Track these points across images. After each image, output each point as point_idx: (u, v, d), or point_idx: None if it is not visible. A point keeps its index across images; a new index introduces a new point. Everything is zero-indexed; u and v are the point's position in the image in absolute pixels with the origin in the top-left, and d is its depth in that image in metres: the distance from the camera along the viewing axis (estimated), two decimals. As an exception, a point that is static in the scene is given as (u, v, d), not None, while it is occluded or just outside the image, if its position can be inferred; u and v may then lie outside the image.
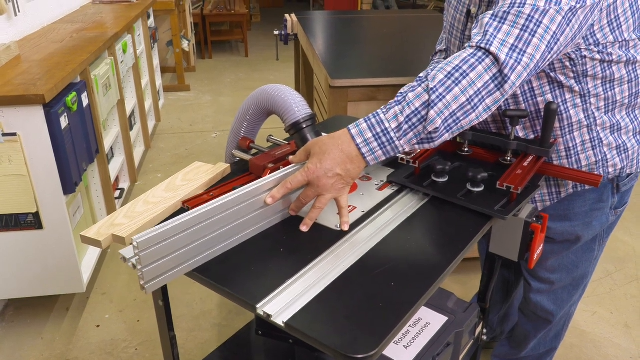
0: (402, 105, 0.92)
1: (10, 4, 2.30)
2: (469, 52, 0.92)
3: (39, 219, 1.80)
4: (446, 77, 0.90)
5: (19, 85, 1.74)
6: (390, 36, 2.82)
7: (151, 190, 1.07)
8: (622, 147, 1.20)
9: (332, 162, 0.93)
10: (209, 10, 6.02)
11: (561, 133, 1.16)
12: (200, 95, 4.78)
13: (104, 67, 2.37)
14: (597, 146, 1.18)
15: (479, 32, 0.95)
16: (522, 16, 0.92)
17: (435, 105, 0.90)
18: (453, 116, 0.91)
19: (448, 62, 0.93)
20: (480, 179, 1.03)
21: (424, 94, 0.91)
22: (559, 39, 0.94)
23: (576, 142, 1.17)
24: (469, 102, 0.91)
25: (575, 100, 1.12)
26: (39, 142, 1.71)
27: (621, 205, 1.28)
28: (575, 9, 0.93)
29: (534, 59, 0.92)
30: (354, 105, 1.91)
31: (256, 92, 1.17)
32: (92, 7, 3.43)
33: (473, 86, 0.90)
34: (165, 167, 3.36)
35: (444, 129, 0.92)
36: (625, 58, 1.08)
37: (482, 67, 0.90)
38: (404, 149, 0.94)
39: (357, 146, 0.93)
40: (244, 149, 1.18)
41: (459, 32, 1.23)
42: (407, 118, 0.91)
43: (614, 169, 1.21)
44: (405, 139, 0.92)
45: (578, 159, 1.18)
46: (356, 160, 0.94)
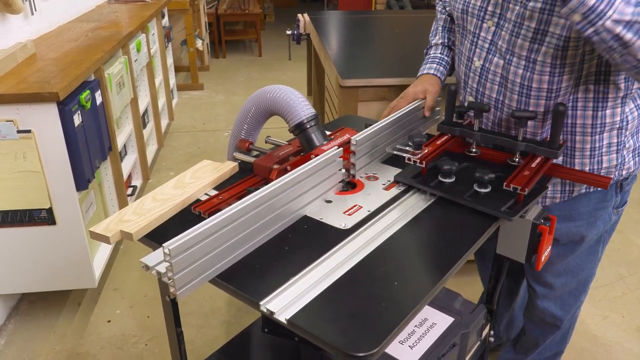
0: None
1: (27, 3, 2.34)
2: None
3: (52, 215, 1.83)
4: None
5: (34, 83, 1.77)
6: (402, 36, 2.82)
7: (160, 187, 1.09)
8: (637, 150, 1.19)
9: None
10: (223, 10, 6.05)
11: (592, 131, 1.14)
12: (214, 94, 4.81)
13: (117, 66, 2.40)
14: (621, 150, 1.17)
15: None
16: None
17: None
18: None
19: None
20: (487, 180, 1.03)
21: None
22: None
23: (603, 144, 1.15)
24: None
25: (616, 100, 1.11)
26: (53, 139, 1.73)
27: (622, 204, 1.29)
28: None
29: None
30: (364, 105, 1.91)
31: (256, 93, 1.17)
32: (108, 6, 3.47)
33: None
34: (177, 165, 3.38)
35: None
36: None
37: None
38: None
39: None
40: (244, 151, 1.18)
41: (476, 9, 1.17)
42: None
43: (627, 171, 1.21)
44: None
45: (600, 160, 1.17)
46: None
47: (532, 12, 1.05)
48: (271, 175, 1.08)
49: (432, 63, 1.39)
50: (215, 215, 0.83)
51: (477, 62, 1.20)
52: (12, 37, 2.22)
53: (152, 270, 0.84)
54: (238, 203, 0.87)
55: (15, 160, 1.72)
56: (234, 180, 1.14)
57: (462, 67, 1.27)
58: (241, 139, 1.22)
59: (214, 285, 0.86)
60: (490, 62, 1.17)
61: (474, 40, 1.20)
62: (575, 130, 1.14)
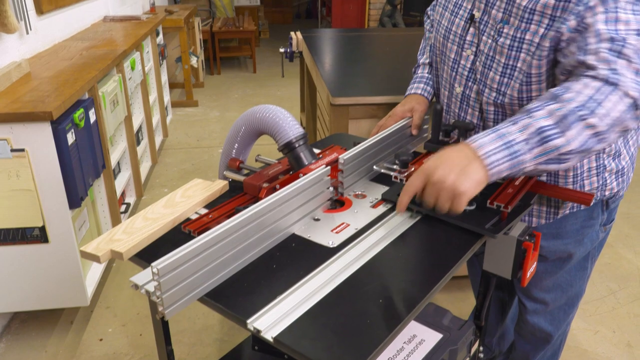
0: (530, 119, 0.90)
1: (22, 22, 2.37)
2: (599, 82, 0.91)
3: (45, 233, 1.83)
4: (583, 105, 0.89)
5: (28, 102, 1.79)
6: (393, 54, 2.86)
7: (151, 206, 1.10)
8: (620, 171, 1.22)
9: (449, 163, 0.90)
10: (218, 27, 6.12)
11: None
12: (208, 110, 4.84)
13: (111, 84, 2.43)
14: (601, 172, 1.19)
15: (598, 64, 0.93)
16: (636, 46, 0.91)
17: (572, 127, 0.88)
18: (587, 142, 0.89)
19: (578, 90, 0.91)
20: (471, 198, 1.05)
21: (557, 113, 0.89)
22: None
23: (584, 169, 1.18)
24: (605, 131, 0.89)
25: None
26: (46, 157, 1.75)
27: (609, 221, 1.30)
28: None
29: None
30: (355, 123, 1.94)
31: (247, 113, 1.19)
32: (103, 24, 3.51)
33: (610, 116, 0.89)
34: (171, 182, 3.40)
35: (577, 154, 0.90)
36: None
37: (617, 98, 0.89)
38: (528, 166, 0.90)
39: (481, 156, 0.89)
40: (234, 169, 1.20)
41: (457, 37, 1.22)
42: (537, 132, 0.89)
43: (610, 191, 1.23)
44: (532, 154, 0.89)
45: (582, 184, 1.20)
46: (477, 166, 0.89)
47: (502, 47, 1.10)
48: (260, 194, 1.10)
49: (419, 83, 1.42)
50: (203, 235, 0.84)
51: (458, 88, 1.24)
52: (7, 57, 2.24)
53: (142, 289, 0.85)
54: (227, 222, 0.88)
55: (9, 179, 1.73)
56: (225, 198, 1.16)
57: (445, 91, 1.30)
58: (232, 157, 1.24)
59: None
60: (470, 89, 1.21)
61: (454, 67, 1.23)
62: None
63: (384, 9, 6.59)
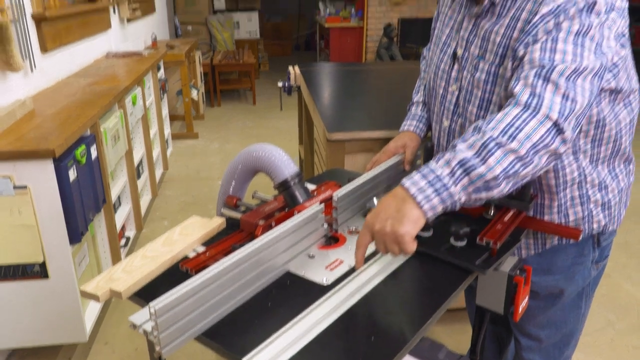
0: (452, 154, 0.94)
1: (27, 60, 2.43)
2: (519, 109, 0.96)
3: (45, 269, 1.85)
4: (502, 132, 0.93)
5: (31, 139, 1.83)
6: (389, 88, 2.93)
7: (150, 244, 1.13)
8: (607, 204, 1.24)
9: (386, 209, 0.94)
10: (219, 60, 6.23)
11: (556, 190, 1.20)
12: (208, 142, 4.90)
13: (113, 120, 2.48)
14: (585, 202, 1.22)
15: (523, 90, 0.98)
16: (563, 76, 0.97)
17: (493, 154, 0.92)
18: (513, 167, 0.93)
19: (499, 119, 0.96)
20: (462, 234, 1.07)
21: (477, 143, 0.93)
22: (598, 87, 1.01)
23: (567, 198, 1.21)
24: (527, 154, 0.93)
25: (569, 157, 1.17)
26: (48, 194, 1.78)
27: (602, 259, 1.32)
28: (603, 58, 1.01)
29: (582, 106, 0.97)
30: (351, 157, 1.98)
31: (244, 151, 1.23)
32: (105, 60, 3.59)
33: (530, 139, 0.93)
34: (171, 214, 3.42)
35: (503, 179, 0.93)
36: (614, 114, 1.15)
37: (536, 121, 0.94)
38: (460, 197, 0.94)
39: (412, 195, 0.93)
40: (232, 207, 1.23)
41: (445, 73, 1.28)
42: (459, 164, 0.93)
43: (598, 225, 1.25)
44: (460, 185, 0.93)
45: (566, 214, 1.23)
46: (410, 205, 0.93)
47: (478, 82, 1.16)
48: (257, 231, 1.12)
49: (412, 120, 1.47)
50: (200, 274, 0.87)
51: (445, 122, 1.29)
52: (12, 95, 2.30)
53: (139, 329, 0.87)
54: (223, 261, 0.91)
55: (11, 215, 1.76)
56: (222, 235, 1.18)
57: (436, 125, 1.35)
58: (229, 195, 1.27)
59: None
60: (456, 122, 1.26)
61: (442, 102, 1.29)
62: (543, 190, 1.21)
63: (381, 41, 6.73)
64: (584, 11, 1.01)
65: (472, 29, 1.20)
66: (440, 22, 1.35)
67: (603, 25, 1.02)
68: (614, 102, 1.15)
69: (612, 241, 1.34)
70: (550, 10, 1.03)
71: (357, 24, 7.00)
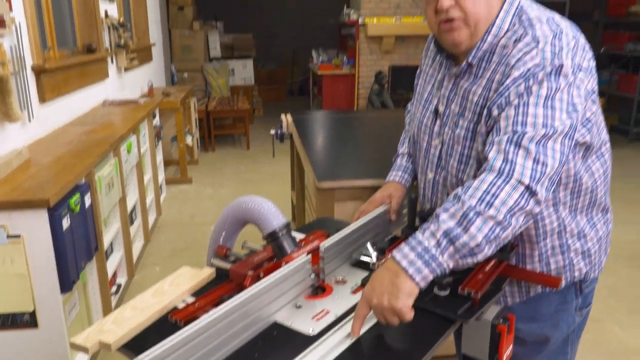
0: (436, 225, 1.02)
1: (25, 111, 2.50)
2: (494, 175, 1.03)
3: (35, 318, 1.85)
4: (480, 200, 1.01)
5: (26, 189, 1.87)
6: (379, 136, 3.01)
7: (140, 295, 1.15)
8: (587, 252, 1.29)
9: (381, 284, 1.02)
10: (214, 107, 6.35)
11: (537, 240, 1.24)
12: (202, 187, 4.94)
13: (107, 168, 2.52)
14: (566, 251, 1.26)
15: (496, 156, 1.05)
16: (534, 141, 1.04)
17: (473, 223, 1.00)
18: (493, 232, 1.00)
19: (476, 186, 1.03)
20: (445, 284, 1.11)
21: (458, 213, 1.01)
22: (570, 146, 1.08)
23: (547, 247, 1.26)
24: (505, 218, 1.00)
25: (549, 208, 1.22)
26: (41, 243, 1.80)
27: (585, 305, 1.34)
28: (572, 118, 1.07)
29: (553, 167, 1.04)
30: (341, 205, 2.02)
31: (233, 203, 1.27)
32: (102, 108, 3.67)
33: (505, 205, 1.00)
34: (164, 260, 3.42)
35: (485, 244, 1.01)
36: (589, 167, 1.21)
37: (509, 187, 1.01)
38: (448, 264, 1.01)
39: (404, 268, 1.00)
40: (221, 257, 1.26)
41: (427, 128, 1.34)
42: (443, 234, 1.00)
43: (579, 272, 1.29)
44: (447, 255, 1.00)
45: (548, 262, 1.27)
46: (403, 278, 1.00)
47: (458, 137, 1.23)
48: (245, 282, 1.15)
49: (397, 171, 1.52)
50: (188, 327, 0.89)
51: (430, 174, 1.34)
52: (9, 144, 2.35)
53: (127, 382, 0.89)
54: (211, 312, 0.93)
55: (3, 264, 1.78)
56: (212, 286, 1.21)
57: (422, 177, 1.40)
58: (219, 245, 1.31)
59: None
60: (439, 175, 1.31)
61: (426, 155, 1.35)
62: (524, 240, 1.25)
63: (372, 88, 6.90)
64: (552, 75, 1.08)
65: (452, 87, 1.27)
66: (422, 80, 1.42)
67: (572, 86, 1.09)
68: (588, 155, 1.22)
69: (595, 288, 1.37)
70: (520, 74, 1.10)
71: (349, 71, 7.20)
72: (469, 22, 1.16)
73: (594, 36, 7.54)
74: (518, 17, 1.18)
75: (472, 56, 1.20)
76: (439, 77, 1.33)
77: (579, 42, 1.15)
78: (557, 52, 1.10)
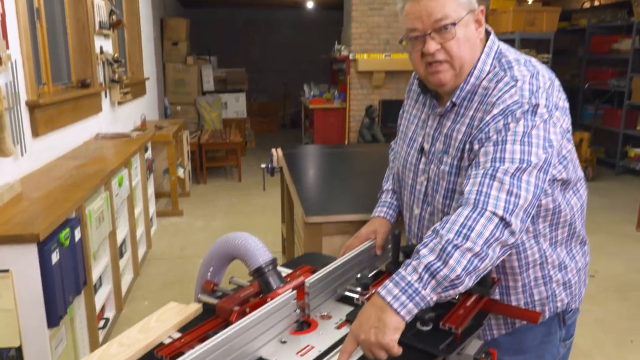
0: (417, 261, 1.06)
1: (18, 145, 2.53)
2: (469, 209, 1.08)
3: (21, 353, 1.84)
4: (457, 233, 1.05)
5: (17, 224, 1.88)
6: (368, 170, 3.05)
7: (127, 331, 1.16)
8: (567, 283, 1.33)
9: (368, 319, 1.05)
10: (206, 139, 6.41)
11: (520, 271, 1.28)
12: (193, 220, 4.95)
13: (98, 202, 2.54)
14: (548, 282, 1.30)
15: (472, 189, 1.11)
16: (508, 173, 1.09)
17: (452, 256, 1.04)
18: (471, 264, 1.04)
19: (453, 220, 1.08)
20: (427, 319, 1.13)
21: (437, 247, 1.05)
22: (544, 179, 1.13)
23: (530, 279, 1.29)
24: (482, 250, 1.04)
25: (530, 240, 1.27)
26: (29, 277, 1.81)
27: (568, 337, 1.38)
28: (547, 153, 1.13)
29: (527, 199, 1.08)
30: (329, 239, 2.04)
31: (221, 239, 1.30)
32: (95, 142, 3.71)
33: (482, 236, 1.04)
34: (152, 293, 3.41)
35: (465, 275, 1.04)
36: (567, 201, 1.26)
37: (484, 219, 1.06)
38: (431, 297, 1.05)
39: (389, 304, 1.04)
40: (209, 292, 1.28)
41: (412, 165, 1.40)
42: (424, 269, 1.04)
43: (561, 303, 1.32)
44: (429, 288, 1.04)
45: (531, 293, 1.30)
46: (389, 314, 1.03)
47: (443, 173, 1.28)
48: (231, 317, 1.17)
49: (382, 206, 1.56)
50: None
51: (416, 210, 1.38)
52: (1, 178, 2.37)
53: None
54: (197, 348, 0.95)
55: (-10, 299, 1.78)
56: (198, 321, 1.22)
57: (407, 213, 1.44)
58: (206, 280, 1.33)
59: None
60: (425, 210, 1.35)
61: (412, 192, 1.39)
62: (507, 272, 1.29)
63: (363, 122, 7.01)
64: (528, 112, 1.14)
65: (437, 126, 1.33)
66: (405, 120, 1.47)
67: (548, 122, 1.15)
68: (565, 190, 1.27)
69: (576, 319, 1.40)
70: (500, 111, 1.16)
71: (340, 105, 7.31)
72: (454, 64, 1.23)
73: (578, 72, 7.74)
74: (498, 60, 1.25)
75: (456, 96, 1.26)
76: (423, 116, 1.39)
77: (554, 83, 1.22)
78: (534, 90, 1.16)
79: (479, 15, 1.24)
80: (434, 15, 1.19)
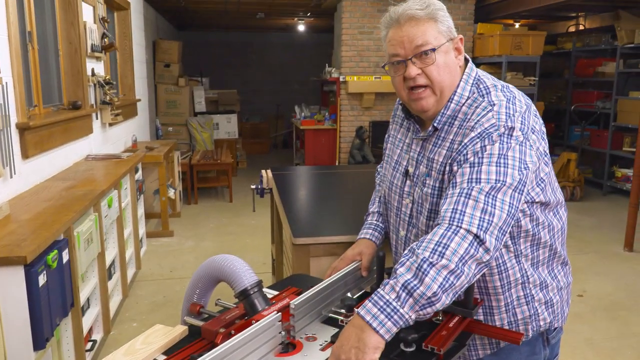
0: (395, 280, 1.08)
1: (8, 167, 2.53)
2: (444, 227, 1.11)
3: (6, 377, 1.82)
4: (432, 251, 1.08)
5: (4, 246, 1.88)
6: (356, 192, 3.08)
7: (112, 354, 1.16)
8: (549, 302, 1.35)
9: (348, 340, 1.07)
10: (197, 160, 6.43)
11: (502, 290, 1.31)
12: (183, 240, 4.93)
13: (87, 224, 2.54)
14: (530, 302, 1.33)
15: (448, 208, 1.14)
16: (483, 192, 1.12)
17: (428, 273, 1.06)
18: (447, 281, 1.06)
19: (429, 239, 1.10)
20: (410, 340, 1.14)
21: (413, 266, 1.08)
22: (519, 199, 1.16)
23: (513, 298, 1.32)
24: (457, 267, 1.07)
25: (512, 260, 1.29)
26: (16, 300, 1.80)
27: (553, 357, 1.40)
28: (523, 174, 1.16)
29: (501, 218, 1.11)
30: (316, 260, 2.06)
31: (207, 262, 1.32)
32: (85, 163, 3.70)
33: (456, 254, 1.07)
34: (141, 315, 3.38)
35: (442, 293, 1.06)
36: (547, 223, 1.29)
37: (459, 237, 1.08)
38: (410, 315, 1.07)
39: (368, 323, 1.06)
40: (195, 314, 1.29)
41: (398, 188, 1.43)
42: (402, 287, 1.06)
43: (544, 322, 1.35)
44: (407, 306, 1.06)
45: (514, 312, 1.32)
46: (369, 333, 1.05)
47: (426, 195, 1.31)
48: (216, 340, 1.18)
49: (368, 228, 1.59)
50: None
51: (402, 232, 1.41)
52: (-11, 200, 2.37)
53: None
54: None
55: (-24, 322, 1.77)
56: (184, 343, 1.23)
57: (393, 235, 1.47)
58: (193, 302, 1.33)
59: None
60: (410, 232, 1.38)
61: (397, 214, 1.42)
62: (489, 292, 1.31)
63: (354, 142, 7.07)
64: (504, 135, 1.18)
65: (420, 150, 1.36)
66: (391, 144, 1.51)
67: (523, 145, 1.19)
68: (545, 212, 1.30)
69: (560, 338, 1.42)
70: (477, 134, 1.20)
71: (331, 126, 7.38)
72: (434, 89, 1.27)
73: (565, 94, 7.88)
74: (476, 86, 1.29)
75: (437, 121, 1.30)
76: (407, 140, 1.43)
77: (530, 108, 1.26)
78: (510, 114, 1.20)
79: (458, 44, 1.29)
80: (415, 42, 1.24)
